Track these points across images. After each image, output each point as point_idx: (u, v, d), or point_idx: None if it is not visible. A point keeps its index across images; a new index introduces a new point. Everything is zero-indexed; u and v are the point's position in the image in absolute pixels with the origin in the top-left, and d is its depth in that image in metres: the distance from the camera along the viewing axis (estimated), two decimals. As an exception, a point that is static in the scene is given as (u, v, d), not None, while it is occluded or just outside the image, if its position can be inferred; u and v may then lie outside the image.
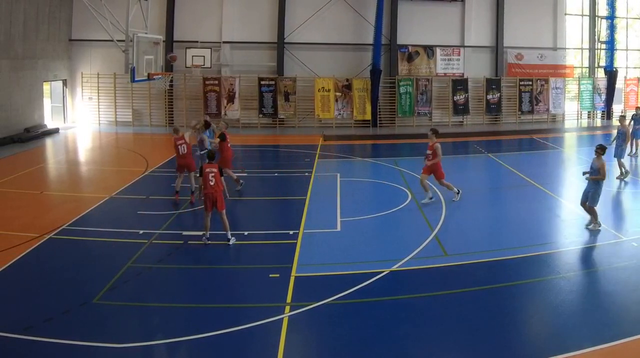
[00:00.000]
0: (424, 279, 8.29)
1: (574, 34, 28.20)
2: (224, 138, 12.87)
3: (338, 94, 24.36)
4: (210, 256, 9.22)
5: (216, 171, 9.53)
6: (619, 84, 27.47)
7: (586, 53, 28.63)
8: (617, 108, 27.85)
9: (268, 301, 7.44)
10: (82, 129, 23.72)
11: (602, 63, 27.40)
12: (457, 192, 12.32)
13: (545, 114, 26.84)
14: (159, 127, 24.28)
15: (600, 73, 27.75)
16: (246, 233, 10.11)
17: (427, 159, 12.00)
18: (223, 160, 12.71)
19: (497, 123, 26.25)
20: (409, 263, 8.74)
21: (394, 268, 8.51)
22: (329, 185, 14.02)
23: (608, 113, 27.29)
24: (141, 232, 10.10)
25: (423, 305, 7.43)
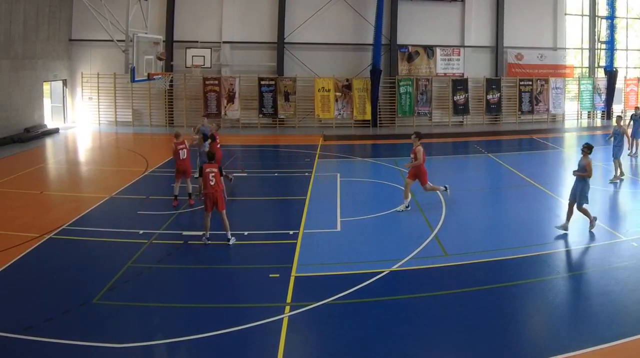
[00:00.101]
0: (424, 279, 8.29)
1: (574, 34, 28.22)
2: (214, 139, 13.06)
3: (338, 94, 24.36)
4: (210, 256, 9.23)
5: (216, 171, 9.54)
6: (619, 84, 27.48)
7: (586, 53, 28.63)
8: (617, 108, 27.86)
9: (268, 301, 7.44)
10: (82, 129, 23.73)
11: (602, 63, 27.40)
12: (445, 189, 12.19)
13: (545, 114, 26.84)
14: (159, 127, 24.29)
15: (600, 73, 27.75)
16: (246, 233, 10.11)
17: (412, 162, 11.73)
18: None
19: (497, 123, 26.25)
20: (409, 263, 8.74)
21: (394, 268, 8.51)
22: (329, 185, 14.02)
23: (608, 113, 27.28)
24: (141, 232, 10.11)
25: (423, 305, 7.43)
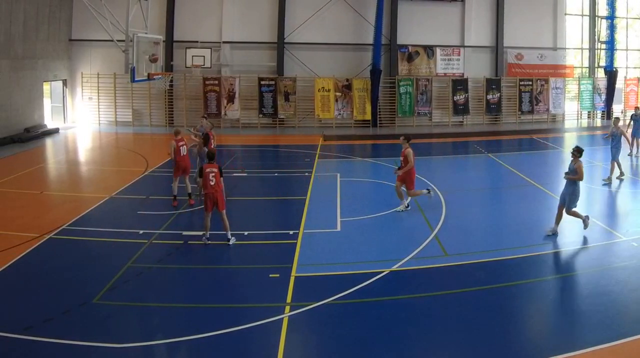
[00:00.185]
0: (424, 279, 8.29)
1: (574, 34, 28.22)
2: (208, 137, 12.85)
3: (338, 94, 24.36)
4: (210, 256, 9.22)
5: (216, 171, 9.52)
6: (619, 84, 27.48)
7: (586, 53, 28.63)
8: (617, 108, 27.86)
9: (268, 301, 7.44)
10: (82, 129, 23.73)
11: (602, 63, 27.40)
12: (428, 191, 12.05)
13: (545, 114, 26.84)
14: (159, 127, 24.28)
15: (600, 73, 27.75)
16: (246, 233, 10.10)
17: (402, 167, 11.55)
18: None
19: (497, 123, 26.25)
20: (409, 263, 8.74)
21: (394, 268, 8.51)
22: (329, 185, 14.02)
23: (608, 113, 27.27)
24: (141, 232, 10.10)
25: (423, 305, 7.42)
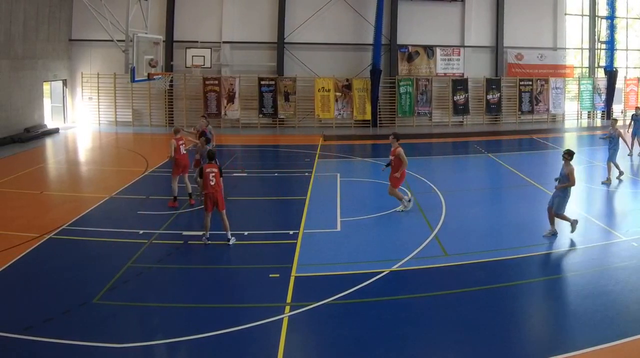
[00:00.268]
0: (424, 279, 8.29)
1: (574, 34, 28.22)
2: (203, 135, 12.78)
3: (338, 94, 24.36)
4: (210, 256, 9.22)
5: (216, 171, 9.53)
6: (619, 84, 27.49)
7: (586, 53, 28.63)
8: (617, 108, 27.87)
9: (268, 301, 7.44)
10: (82, 129, 23.72)
11: (602, 63, 27.40)
12: (409, 199, 11.62)
13: (545, 114, 26.84)
14: (159, 127, 24.27)
15: (600, 73, 27.75)
16: (246, 233, 10.10)
17: (391, 165, 11.42)
18: (196, 162, 12.67)
19: (497, 123, 26.25)
20: (409, 263, 8.73)
21: (394, 268, 8.50)
22: (329, 185, 14.02)
23: (608, 113, 27.26)
24: (141, 232, 10.10)
25: (423, 305, 7.43)
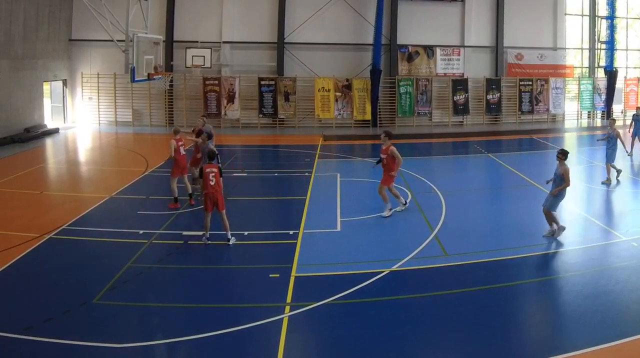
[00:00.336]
0: (424, 279, 8.29)
1: (574, 34, 28.22)
2: (199, 134, 12.77)
3: (338, 94, 24.37)
4: (210, 256, 9.22)
5: (216, 171, 9.53)
6: (619, 84, 27.49)
7: (586, 53, 28.63)
8: (617, 108, 27.87)
9: (268, 301, 7.44)
10: (82, 129, 23.72)
11: (602, 63, 27.40)
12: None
13: (545, 114, 26.84)
14: (159, 127, 24.27)
15: (600, 73, 27.75)
16: (246, 233, 10.10)
17: (382, 163, 11.25)
18: (195, 160, 12.70)
19: (497, 123, 26.25)
20: (409, 263, 8.73)
21: (394, 268, 8.50)
22: (329, 185, 14.01)
23: (608, 113, 27.25)
24: (141, 232, 10.10)
25: (423, 305, 7.43)
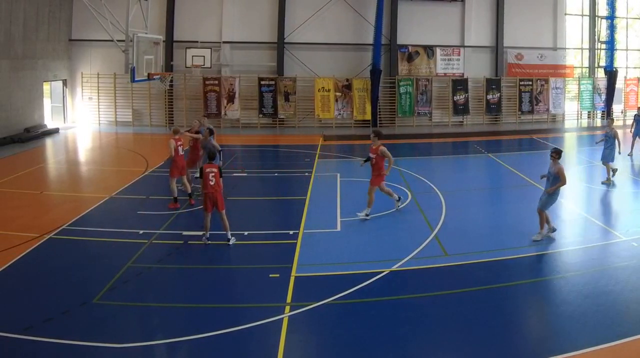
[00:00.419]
0: (424, 279, 8.29)
1: (574, 34, 28.22)
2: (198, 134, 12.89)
3: (338, 94, 24.36)
4: (210, 256, 9.22)
5: (216, 171, 9.52)
6: (619, 84, 27.49)
7: (586, 53, 28.63)
8: (617, 108, 27.87)
9: (268, 301, 7.44)
10: (82, 129, 23.72)
11: (602, 63, 27.40)
12: (367, 215, 10.97)
13: (545, 114, 26.84)
14: (159, 127, 24.27)
15: (600, 73, 27.75)
16: (246, 233, 10.10)
17: (371, 163, 11.09)
18: (193, 159, 12.73)
19: (497, 123, 26.25)
20: (409, 263, 8.73)
21: (394, 268, 8.51)
22: (329, 185, 14.02)
23: (608, 113, 27.26)
24: (141, 232, 10.10)
25: (423, 305, 7.42)
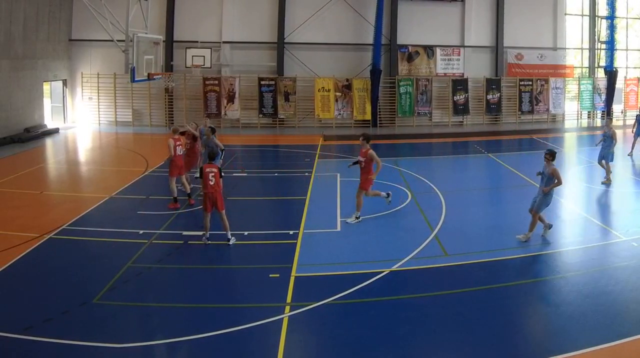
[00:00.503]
0: (424, 279, 8.29)
1: (574, 34, 28.23)
2: (196, 139, 12.99)
3: (338, 94, 24.37)
4: (210, 256, 9.22)
5: (216, 171, 9.52)
6: (619, 84, 27.51)
7: (586, 53, 28.64)
8: (617, 108, 27.87)
9: (268, 301, 7.44)
10: (82, 129, 23.73)
11: (602, 63, 27.42)
12: (357, 218, 10.86)
13: (545, 114, 26.85)
14: (159, 127, 24.28)
15: (600, 73, 27.76)
16: (246, 233, 10.10)
17: (360, 166, 10.92)
18: (189, 162, 12.74)
19: (497, 123, 26.26)
20: (409, 263, 8.74)
21: (394, 268, 8.50)
22: (329, 185, 14.01)
23: (608, 113, 27.28)
24: (141, 232, 10.10)
25: (423, 305, 7.42)
